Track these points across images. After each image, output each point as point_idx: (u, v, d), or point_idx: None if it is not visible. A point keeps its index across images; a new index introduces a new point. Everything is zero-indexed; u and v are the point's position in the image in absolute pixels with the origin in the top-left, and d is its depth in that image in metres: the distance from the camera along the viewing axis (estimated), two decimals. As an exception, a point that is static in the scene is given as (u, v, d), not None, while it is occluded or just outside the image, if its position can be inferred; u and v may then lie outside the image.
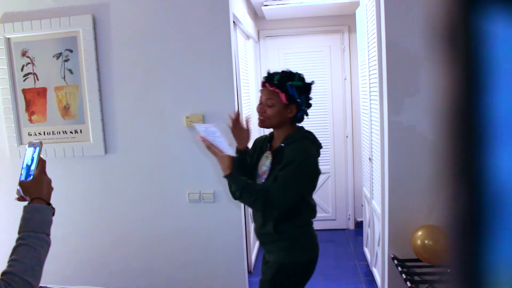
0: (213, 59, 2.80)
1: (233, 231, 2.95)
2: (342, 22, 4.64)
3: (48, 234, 1.31)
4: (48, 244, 1.30)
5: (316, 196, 4.79)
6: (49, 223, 1.34)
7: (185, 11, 2.79)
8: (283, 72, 1.98)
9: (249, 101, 4.04)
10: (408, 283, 2.47)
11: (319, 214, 2.81)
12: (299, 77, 1.96)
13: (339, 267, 4.01)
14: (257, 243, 4.34)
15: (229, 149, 1.93)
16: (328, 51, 4.69)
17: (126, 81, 2.89)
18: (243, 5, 3.73)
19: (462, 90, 0.18)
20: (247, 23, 3.89)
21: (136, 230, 3.02)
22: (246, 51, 4.08)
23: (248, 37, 4.23)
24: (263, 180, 2.01)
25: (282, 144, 1.98)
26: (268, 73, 1.98)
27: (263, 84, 1.98)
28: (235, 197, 1.95)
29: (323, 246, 2.26)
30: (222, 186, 2.89)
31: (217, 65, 2.81)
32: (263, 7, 4.08)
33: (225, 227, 2.94)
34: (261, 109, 1.97)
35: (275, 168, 1.95)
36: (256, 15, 4.63)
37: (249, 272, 3.69)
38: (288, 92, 1.91)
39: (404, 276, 2.54)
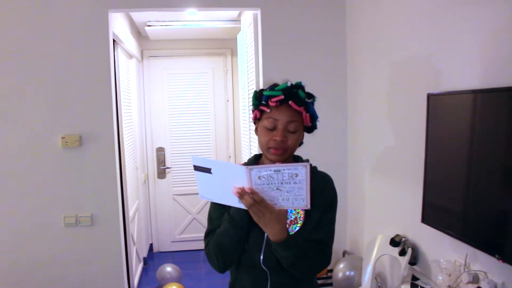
0: (91, 78, 2.74)
1: (113, 254, 2.87)
2: (225, 45, 4.80)
3: None
4: None
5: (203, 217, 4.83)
6: None
7: (62, 28, 2.70)
8: (292, 84, 1.34)
9: (130, 121, 3.98)
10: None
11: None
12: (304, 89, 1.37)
13: None
14: (140, 266, 4.23)
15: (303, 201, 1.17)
16: (212, 73, 4.81)
17: (-6, 99, 2.70)
18: (126, 24, 3.70)
19: None
20: (130, 42, 3.85)
21: (6, 259, 2.80)
22: (129, 70, 4.03)
23: (131, 56, 4.18)
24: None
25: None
26: (288, 86, 1.32)
27: (283, 101, 1.31)
28: (288, 266, 1.30)
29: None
30: (99, 209, 2.81)
31: (95, 84, 2.75)
32: (146, 27, 4.07)
33: (104, 251, 2.85)
34: (283, 136, 1.31)
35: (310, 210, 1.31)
36: (140, 34, 4.59)
37: (131, 296, 3.59)
38: (312, 112, 1.36)
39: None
